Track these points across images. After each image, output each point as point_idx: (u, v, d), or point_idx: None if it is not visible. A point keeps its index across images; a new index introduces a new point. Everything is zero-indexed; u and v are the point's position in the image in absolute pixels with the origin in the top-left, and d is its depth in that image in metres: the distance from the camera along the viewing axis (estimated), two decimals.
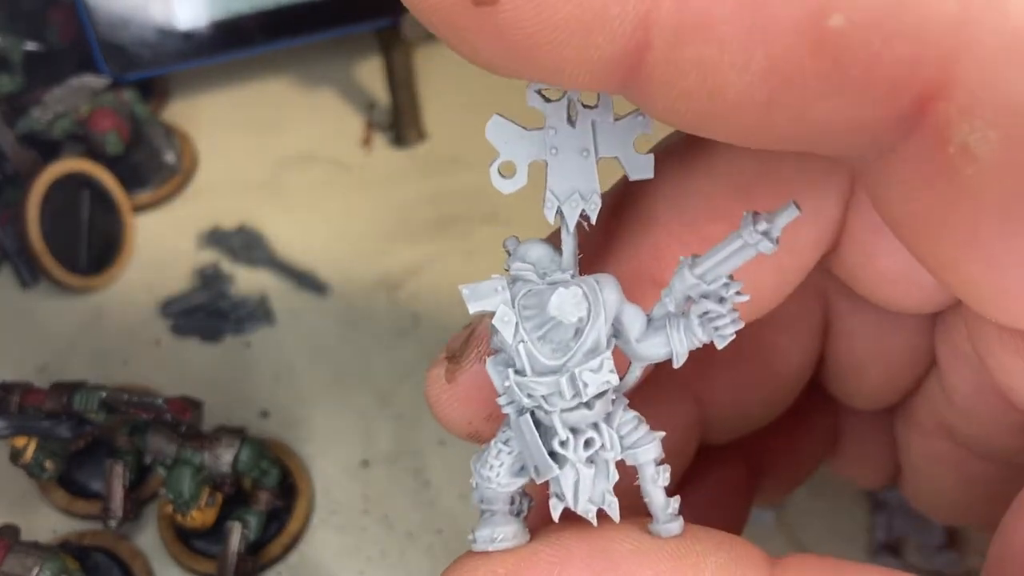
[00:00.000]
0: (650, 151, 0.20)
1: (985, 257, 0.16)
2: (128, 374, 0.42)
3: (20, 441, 0.36)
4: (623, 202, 0.22)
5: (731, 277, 0.18)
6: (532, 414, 0.18)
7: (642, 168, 0.20)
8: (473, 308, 0.19)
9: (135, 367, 0.43)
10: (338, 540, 0.38)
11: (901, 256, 0.20)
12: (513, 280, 0.19)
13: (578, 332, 0.18)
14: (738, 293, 0.18)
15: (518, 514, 0.19)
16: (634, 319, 0.18)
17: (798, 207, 0.17)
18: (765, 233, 0.17)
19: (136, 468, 0.37)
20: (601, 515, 0.18)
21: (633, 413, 0.19)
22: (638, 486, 0.18)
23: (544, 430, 0.18)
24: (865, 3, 0.15)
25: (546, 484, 0.19)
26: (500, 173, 0.20)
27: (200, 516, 0.36)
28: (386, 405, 0.41)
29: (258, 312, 0.44)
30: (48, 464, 0.36)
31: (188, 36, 0.47)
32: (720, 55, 0.15)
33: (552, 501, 0.18)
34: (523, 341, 0.18)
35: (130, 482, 0.36)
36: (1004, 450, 0.24)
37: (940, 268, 0.18)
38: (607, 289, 0.18)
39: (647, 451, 0.18)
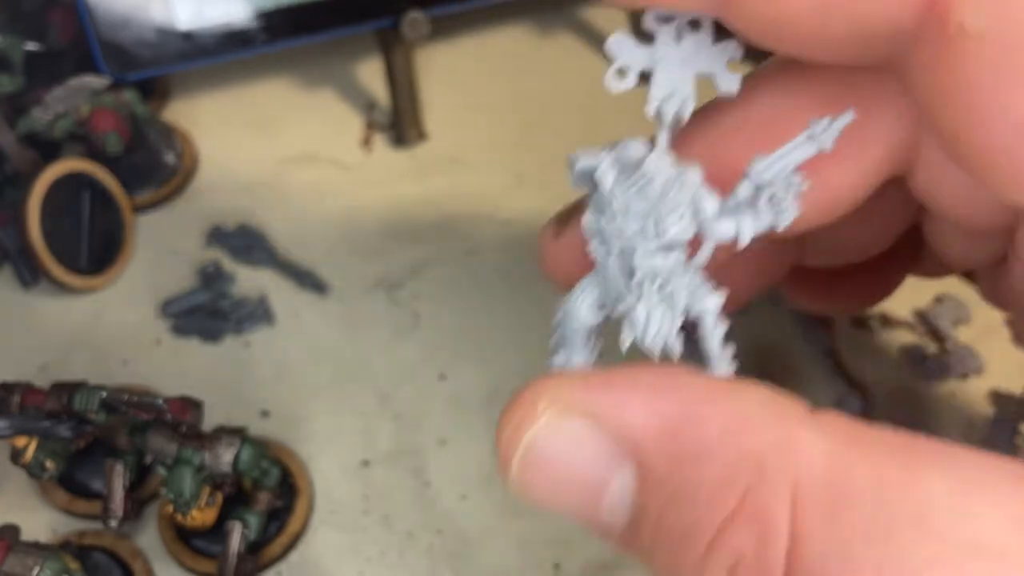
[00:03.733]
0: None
1: (987, 119, 0.20)
2: (128, 374, 0.43)
3: (20, 441, 0.36)
4: (712, 112, 0.25)
5: (796, 171, 0.21)
6: (618, 255, 0.22)
7: (731, 84, 0.23)
8: (580, 165, 0.23)
9: (135, 367, 0.43)
10: (338, 540, 0.38)
11: (966, 180, 0.23)
12: (614, 154, 0.23)
13: (664, 192, 0.22)
14: (801, 183, 0.21)
15: (592, 350, 0.23)
16: (710, 200, 0.22)
17: (854, 113, 0.21)
18: (827, 129, 0.21)
19: (136, 468, 0.37)
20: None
21: (701, 275, 0.22)
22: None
23: (625, 269, 0.22)
24: None
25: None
26: (615, 76, 0.23)
27: (200, 516, 0.36)
28: (386, 405, 0.41)
29: (258, 312, 0.44)
30: (48, 464, 0.36)
31: (188, 36, 0.47)
32: None
33: (623, 336, 0.22)
34: (620, 191, 0.22)
35: (130, 482, 0.36)
36: None
37: (961, 149, 0.21)
38: (692, 169, 0.22)
39: (710, 301, 0.21)
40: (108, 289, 0.46)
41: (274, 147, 0.52)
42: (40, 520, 0.38)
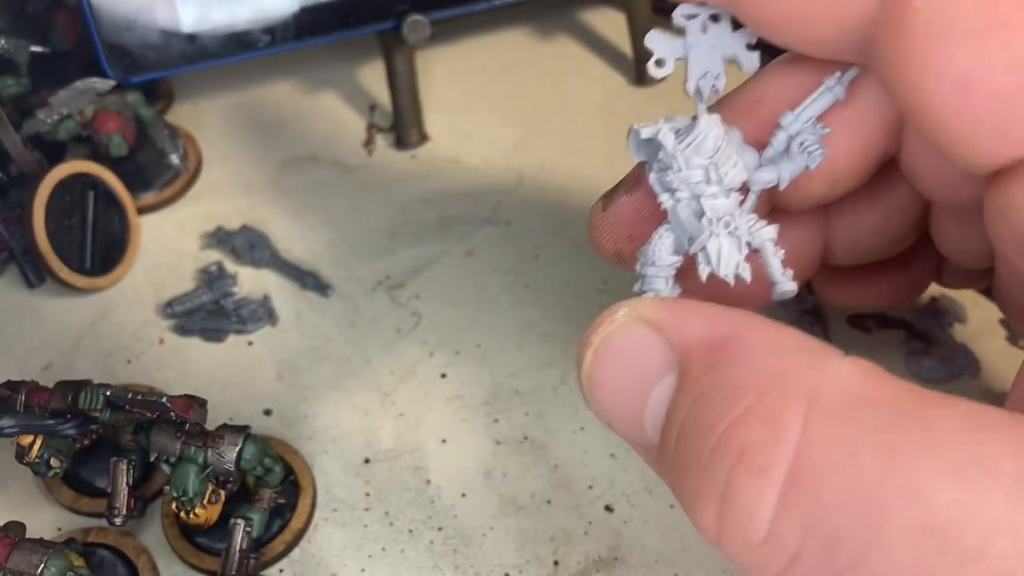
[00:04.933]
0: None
1: (932, 76, 0.22)
2: (132, 373, 0.43)
3: (26, 439, 0.36)
4: (733, 94, 0.29)
5: (817, 121, 0.26)
6: (687, 203, 0.25)
7: (752, 62, 0.26)
8: (644, 133, 0.25)
9: (139, 366, 0.43)
10: (340, 537, 0.38)
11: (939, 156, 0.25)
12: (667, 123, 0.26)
13: (716, 147, 0.25)
14: (824, 129, 0.26)
15: (671, 292, 0.26)
16: (751, 154, 0.26)
17: (859, 68, 0.25)
18: (839, 80, 0.26)
19: (140, 466, 0.37)
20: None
21: (754, 214, 0.25)
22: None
23: (695, 215, 0.25)
24: None
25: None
26: (656, 65, 0.26)
27: (204, 513, 0.36)
28: (388, 403, 0.42)
29: (261, 312, 0.45)
30: (53, 462, 0.37)
31: (192, 39, 0.48)
32: None
33: (700, 268, 0.25)
34: (679, 149, 0.25)
35: (134, 480, 0.37)
36: None
37: (916, 115, 0.23)
38: (734, 128, 0.26)
39: (768, 231, 0.25)
40: (112, 289, 0.46)
41: (277, 149, 0.53)
42: (45, 517, 0.38)
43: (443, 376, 0.43)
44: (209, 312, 0.45)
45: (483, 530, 0.38)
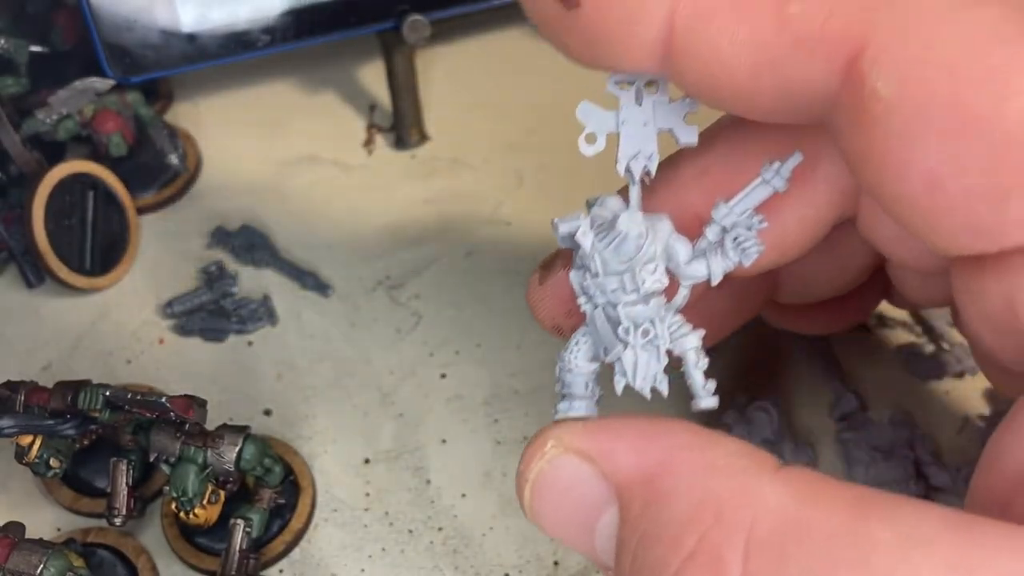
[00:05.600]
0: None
1: (899, 174, 0.21)
2: (132, 373, 0.43)
3: (25, 439, 0.36)
4: (677, 162, 0.28)
5: (754, 212, 0.24)
6: (603, 309, 0.24)
7: (690, 136, 0.25)
8: (562, 229, 0.24)
9: (139, 366, 0.43)
10: (340, 537, 0.38)
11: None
12: (591, 215, 0.25)
13: (638, 246, 0.24)
14: (761, 223, 0.24)
15: (591, 397, 0.25)
16: (682, 247, 0.24)
17: (802, 154, 0.23)
18: (778, 172, 0.24)
19: (140, 466, 0.37)
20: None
21: (680, 317, 0.24)
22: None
23: (611, 322, 0.24)
24: None
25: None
26: (586, 142, 0.25)
27: (203, 513, 0.36)
28: (388, 404, 0.42)
29: (261, 312, 0.45)
30: (53, 462, 0.37)
31: (192, 39, 0.48)
32: (718, 34, 0.22)
33: (616, 379, 0.24)
34: (598, 251, 0.24)
35: (134, 480, 0.37)
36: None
37: (881, 200, 0.23)
38: (662, 221, 0.24)
39: (690, 340, 0.24)
40: (112, 289, 0.46)
41: (277, 148, 0.53)
42: (45, 518, 0.38)
43: (443, 376, 0.43)
44: (209, 312, 0.45)
45: (483, 530, 0.38)
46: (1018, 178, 0.20)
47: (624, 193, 0.25)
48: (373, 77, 0.55)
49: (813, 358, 0.42)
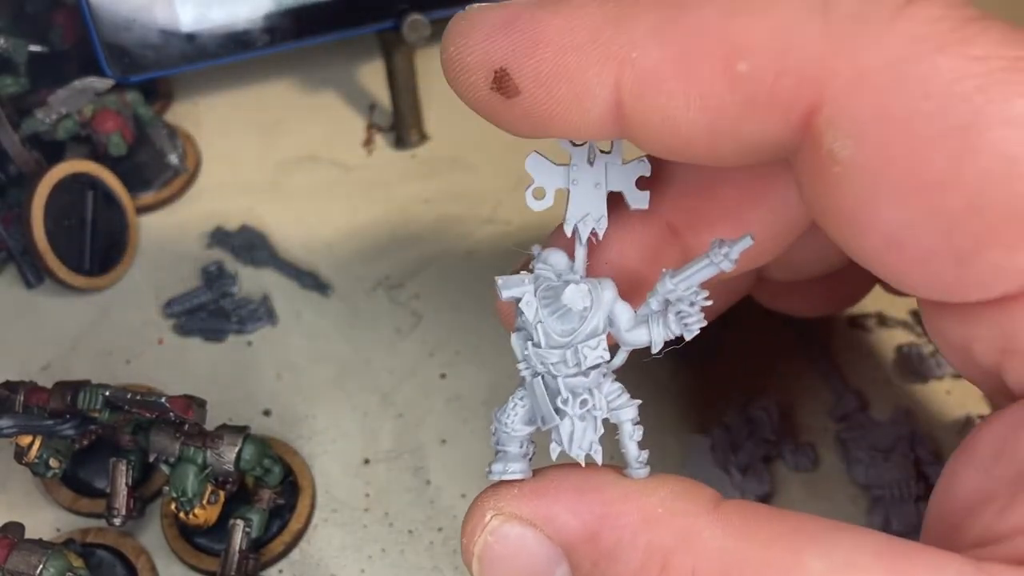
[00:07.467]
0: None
1: (859, 233, 0.21)
2: (131, 373, 0.43)
3: (25, 440, 0.36)
4: (624, 226, 0.27)
5: (700, 287, 0.23)
6: (542, 378, 0.24)
7: (640, 201, 0.26)
8: (505, 295, 0.24)
9: (138, 366, 0.43)
10: (339, 538, 0.38)
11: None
12: (536, 277, 0.25)
13: (582, 318, 0.24)
14: (704, 299, 0.23)
15: (525, 456, 0.25)
16: (624, 313, 0.24)
17: (752, 238, 0.23)
18: (726, 255, 0.23)
19: (140, 466, 0.37)
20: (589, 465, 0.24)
21: (618, 384, 0.24)
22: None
23: (550, 390, 0.24)
24: (760, 53, 0.21)
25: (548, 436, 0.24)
26: (533, 196, 0.25)
27: (203, 514, 0.36)
28: (387, 404, 0.42)
29: (260, 311, 0.45)
30: (52, 462, 0.37)
31: (191, 38, 0.48)
32: (669, 100, 0.22)
33: (552, 446, 0.24)
34: (541, 321, 0.24)
35: (134, 480, 0.37)
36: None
37: (845, 247, 0.23)
38: (607, 289, 0.24)
39: (627, 412, 0.24)
40: (111, 289, 0.46)
41: (276, 148, 0.53)
42: (44, 518, 0.38)
43: (443, 376, 0.43)
44: (209, 312, 0.45)
45: None
46: (977, 241, 0.20)
47: (569, 247, 0.25)
48: (373, 77, 0.55)
49: (812, 358, 0.42)
